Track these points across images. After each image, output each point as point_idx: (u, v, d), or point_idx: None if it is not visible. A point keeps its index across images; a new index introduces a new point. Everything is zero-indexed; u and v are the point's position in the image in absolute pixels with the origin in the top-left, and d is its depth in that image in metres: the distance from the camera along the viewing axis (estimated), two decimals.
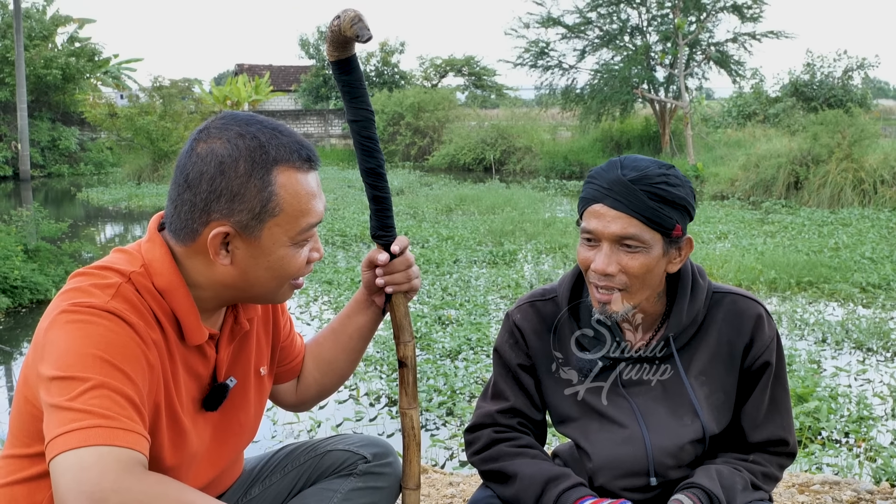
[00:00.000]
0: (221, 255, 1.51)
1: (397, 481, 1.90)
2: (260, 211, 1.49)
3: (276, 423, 5.12)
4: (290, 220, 1.52)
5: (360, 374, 5.91)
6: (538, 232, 12.50)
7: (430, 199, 17.33)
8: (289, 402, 1.96)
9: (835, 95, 25.35)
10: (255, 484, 1.89)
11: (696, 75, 25.58)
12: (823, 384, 5.38)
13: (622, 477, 1.80)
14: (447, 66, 39.09)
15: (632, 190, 1.68)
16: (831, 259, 9.89)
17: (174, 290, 1.52)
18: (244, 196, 1.48)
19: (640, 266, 1.70)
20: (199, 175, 1.48)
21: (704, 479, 1.73)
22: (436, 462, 4.47)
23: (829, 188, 15.82)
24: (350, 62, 1.65)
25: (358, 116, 1.69)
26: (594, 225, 1.71)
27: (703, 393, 1.80)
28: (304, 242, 1.57)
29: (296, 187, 1.51)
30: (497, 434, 1.88)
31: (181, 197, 1.50)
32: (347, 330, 1.89)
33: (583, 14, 25.67)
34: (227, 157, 1.47)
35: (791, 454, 1.87)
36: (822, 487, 3.40)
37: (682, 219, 1.73)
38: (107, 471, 1.25)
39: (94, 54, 28.97)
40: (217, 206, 1.48)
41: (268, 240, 1.51)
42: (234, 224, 1.49)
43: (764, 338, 1.81)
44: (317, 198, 1.56)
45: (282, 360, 1.88)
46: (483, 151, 26.63)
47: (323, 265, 10.22)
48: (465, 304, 7.94)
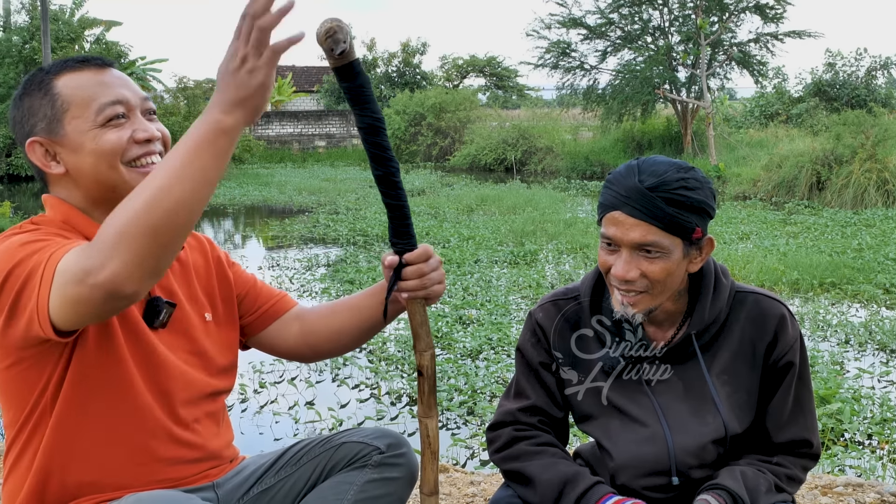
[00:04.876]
0: (53, 165, 1.68)
1: (412, 472, 1.91)
2: (52, 113, 1.66)
3: (297, 422, 5.15)
4: (82, 108, 1.66)
5: (381, 374, 5.93)
6: (559, 232, 12.48)
7: (451, 199, 17.34)
8: (284, 349, 2.03)
9: (858, 95, 25.12)
10: (268, 473, 1.92)
11: (719, 75, 25.43)
12: (846, 386, 5.34)
13: (644, 476, 1.80)
14: (469, 66, 39.10)
15: (650, 197, 1.67)
16: (854, 260, 9.81)
17: (69, 214, 1.69)
18: (35, 108, 1.67)
19: (661, 270, 1.71)
20: (12, 123, 1.72)
21: (729, 480, 1.73)
22: (457, 461, 4.49)
23: (852, 189, 15.68)
24: (349, 68, 1.57)
25: (362, 123, 1.62)
26: (613, 232, 1.72)
27: (726, 392, 1.80)
28: (116, 124, 1.67)
29: (77, 82, 1.67)
30: (517, 432, 1.89)
31: (21, 150, 1.72)
32: (363, 307, 1.95)
33: (604, 15, 25.59)
34: (18, 94, 1.71)
35: (815, 456, 1.87)
36: (846, 489, 3.38)
37: (702, 221, 1.72)
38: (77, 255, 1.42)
39: (120, 56, 29.18)
40: (25, 130, 1.69)
41: (73, 133, 1.66)
42: (40, 133, 1.67)
43: (787, 338, 1.80)
44: (109, 84, 1.69)
45: (250, 309, 1.97)
46: (504, 152, 26.61)
47: (345, 265, 10.26)
48: (485, 304, 7.94)
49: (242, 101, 1.43)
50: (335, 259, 10.99)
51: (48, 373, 1.59)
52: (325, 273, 9.98)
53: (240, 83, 1.42)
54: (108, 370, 1.63)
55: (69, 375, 1.60)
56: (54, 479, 1.64)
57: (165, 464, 1.72)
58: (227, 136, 1.42)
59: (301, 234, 13.43)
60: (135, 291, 1.38)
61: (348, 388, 5.80)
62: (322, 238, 12.95)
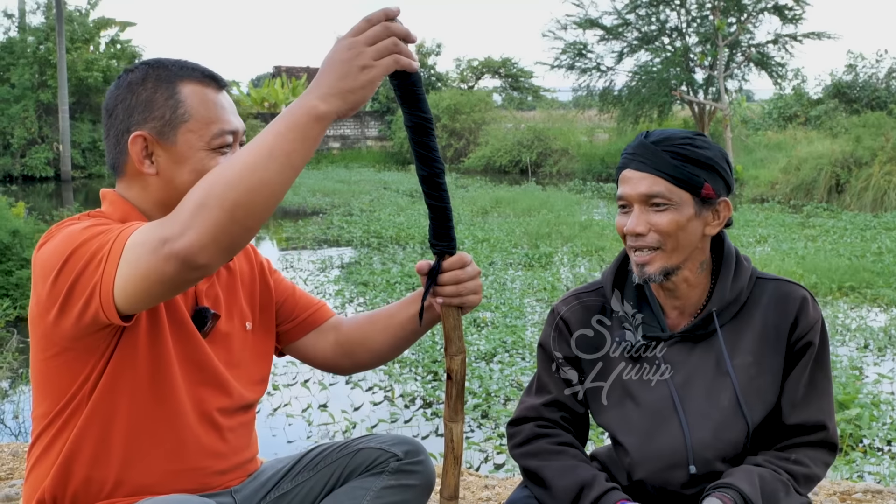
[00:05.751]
0: (146, 164, 1.65)
1: (429, 480, 1.90)
2: (171, 117, 1.63)
3: (311, 424, 5.14)
4: (202, 126, 1.65)
5: (395, 376, 5.91)
6: (574, 234, 12.44)
7: (465, 201, 17.33)
8: (321, 359, 2.01)
9: (878, 97, 24.93)
10: (285, 479, 1.91)
11: (736, 77, 25.32)
12: (865, 391, 5.29)
13: (662, 470, 1.78)
14: (484, 67, 39.06)
15: (654, 150, 1.74)
16: (874, 264, 9.72)
17: (129, 214, 1.66)
18: (153, 104, 1.64)
19: (669, 222, 1.74)
20: (115, 102, 1.67)
21: (745, 483, 1.69)
22: (471, 465, 4.45)
23: (871, 191, 15.57)
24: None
25: (410, 122, 1.59)
26: (623, 190, 1.78)
27: (749, 376, 1.78)
28: (223, 151, 1.67)
29: (202, 97, 1.66)
30: (539, 429, 1.89)
31: (107, 129, 1.69)
32: (400, 317, 1.92)
33: (621, 15, 25.54)
34: (136, 79, 1.67)
35: (832, 444, 1.82)
36: (865, 496, 3.34)
37: (713, 179, 1.76)
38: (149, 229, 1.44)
39: (135, 57, 29.32)
40: (133, 119, 1.65)
41: (184, 145, 1.64)
42: (150, 130, 1.64)
43: (809, 319, 1.80)
44: (227, 110, 1.69)
45: (287, 317, 1.96)
46: (519, 153, 26.59)
47: (358, 266, 10.26)
48: (500, 307, 7.91)
49: (343, 92, 1.42)
50: (349, 261, 10.99)
51: (91, 365, 1.58)
52: (339, 275, 9.98)
53: (346, 73, 1.42)
54: (151, 369, 1.62)
55: (109, 370, 1.59)
56: (79, 475, 1.63)
57: (193, 472, 1.71)
58: (319, 123, 1.41)
59: (315, 236, 13.45)
60: (207, 263, 1.38)
61: (362, 390, 5.78)
62: (336, 240, 12.96)
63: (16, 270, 8.09)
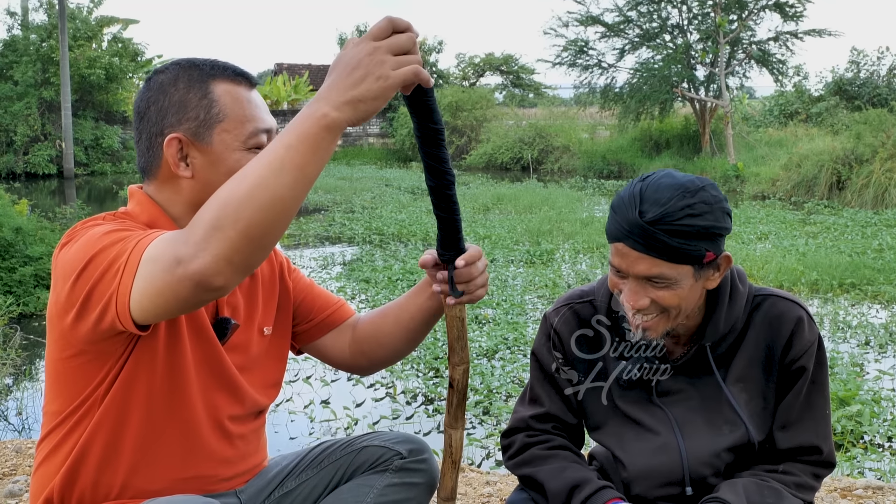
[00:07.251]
0: (181, 167, 1.62)
1: (433, 478, 1.91)
2: (205, 117, 1.61)
3: (313, 421, 5.15)
4: (237, 124, 1.62)
5: (396, 373, 5.93)
6: (576, 231, 12.45)
7: (467, 198, 17.32)
8: (340, 359, 1.98)
9: (879, 94, 24.90)
10: (290, 476, 1.91)
11: (738, 74, 25.28)
12: (866, 388, 5.29)
13: (658, 486, 1.77)
14: (485, 64, 39.02)
15: (651, 232, 1.59)
16: (875, 261, 9.73)
17: (157, 217, 1.64)
18: (187, 105, 1.61)
19: (672, 296, 1.66)
20: (147, 104, 1.64)
21: (730, 494, 1.68)
22: (472, 461, 4.47)
23: (872, 188, 15.56)
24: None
25: (420, 133, 1.54)
26: (618, 262, 1.67)
27: (743, 399, 1.76)
28: (258, 150, 1.63)
29: (235, 95, 1.63)
30: (529, 438, 1.88)
31: (139, 132, 1.65)
32: (409, 308, 1.89)
33: (623, 12, 25.49)
34: (167, 80, 1.64)
35: (826, 463, 1.79)
36: (865, 492, 3.35)
37: (713, 244, 1.63)
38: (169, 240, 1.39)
39: (137, 54, 29.30)
40: (167, 121, 1.61)
41: (220, 145, 1.61)
42: (185, 132, 1.61)
43: (802, 342, 1.75)
44: (260, 108, 1.67)
45: (305, 317, 1.94)
46: (521, 150, 26.57)
47: (360, 263, 10.27)
48: (501, 304, 7.93)
49: (355, 101, 1.36)
50: (351, 258, 11.00)
51: (106, 369, 1.57)
52: (341, 272, 9.99)
53: (361, 79, 1.35)
54: (167, 376, 1.61)
55: (124, 374, 1.57)
56: (86, 479, 1.62)
57: (200, 480, 1.71)
58: (331, 133, 1.35)
59: (317, 233, 13.45)
60: (223, 286, 1.34)
61: (364, 386, 5.79)
62: (338, 237, 12.96)
63: (19, 267, 8.08)
